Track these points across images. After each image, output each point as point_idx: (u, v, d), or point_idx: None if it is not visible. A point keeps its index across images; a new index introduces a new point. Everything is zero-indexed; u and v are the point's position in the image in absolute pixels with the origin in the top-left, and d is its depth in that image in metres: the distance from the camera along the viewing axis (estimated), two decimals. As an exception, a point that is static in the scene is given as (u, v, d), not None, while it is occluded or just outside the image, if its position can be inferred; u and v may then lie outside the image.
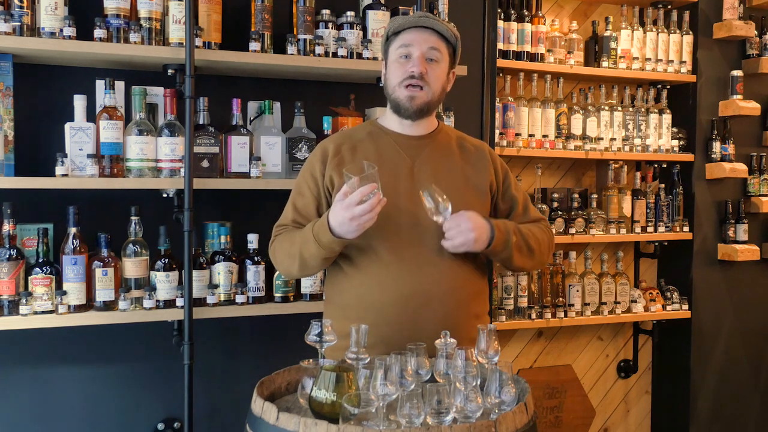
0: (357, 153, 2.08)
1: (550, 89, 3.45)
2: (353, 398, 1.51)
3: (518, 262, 2.08)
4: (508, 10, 3.36)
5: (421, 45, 2.03)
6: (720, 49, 3.76)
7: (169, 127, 2.48)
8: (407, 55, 2.03)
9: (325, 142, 2.16)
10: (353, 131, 2.21)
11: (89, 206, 2.52)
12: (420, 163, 2.08)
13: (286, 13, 2.74)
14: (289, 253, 2.02)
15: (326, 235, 1.89)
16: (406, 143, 2.10)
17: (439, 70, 2.06)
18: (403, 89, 2.03)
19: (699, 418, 3.75)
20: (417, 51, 2.02)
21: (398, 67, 2.04)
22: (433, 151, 2.11)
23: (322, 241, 1.90)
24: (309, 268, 2.04)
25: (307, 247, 1.95)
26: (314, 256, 1.95)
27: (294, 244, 2.00)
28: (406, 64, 2.03)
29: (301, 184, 2.12)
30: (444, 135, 2.17)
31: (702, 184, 3.73)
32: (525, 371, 3.63)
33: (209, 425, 2.81)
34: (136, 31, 2.44)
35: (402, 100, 2.04)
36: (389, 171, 2.05)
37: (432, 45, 2.03)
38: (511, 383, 1.64)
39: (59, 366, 2.64)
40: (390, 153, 2.08)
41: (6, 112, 2.38)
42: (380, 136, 2.12)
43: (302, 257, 1.98)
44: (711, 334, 3.77)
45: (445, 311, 1.98)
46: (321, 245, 1.91)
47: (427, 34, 2.04)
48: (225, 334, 2.83)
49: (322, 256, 1.95)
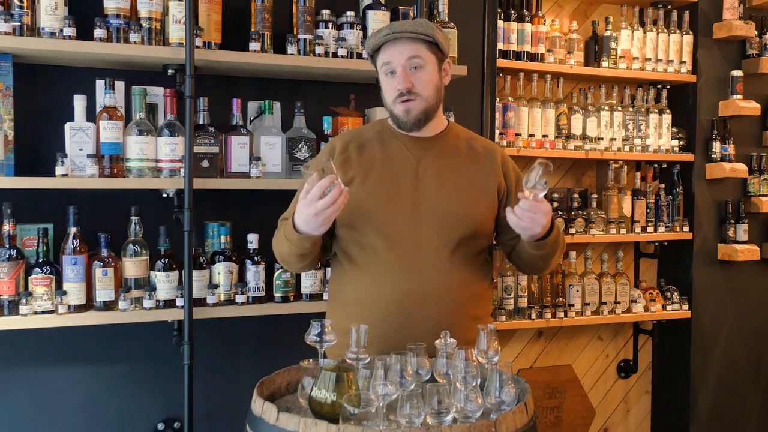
0: (364, 152, 2.09)
1: (550, 89, 3.45)
2: (353, 398, 1.51)
3: (551, 260, 2.10)
4: (508, 10, 3.36)
5: (400, 59, 2.01)
6: (720, 49, 3.76)
7: (169, 127, 2.48)
8: (392, 71, 2.03)
9: (333, 140, 2.18)
10: (362, 130, 2.21)
11: (89, 206, 2.52)
12: (425, 164, 2.08)
13: (286, 13, 2.74)
14: (278, 250, 2.09)
15: (293, 234, 1.93)
16: (413, 144, 2.10)
17: (425, 75, 2.03)
18: (398, 105, 2.03)
19: (699, 418, 3.75)
20: (398, 66, 2.01)
21: (388, 85, 2.05)
22: (439, 152, 2.11)
23: (292, 239, 1.95)
24: (292, 264, 2.09)
25: (283, 246, 2.02)
26: (290, 253, 2.01)
27: (279, 242, 2.06)
28: (393, 80, 2.03)
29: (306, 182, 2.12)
30: (453, 135, 2.16)
31: (702, 184, 3.73)
32: (525, 371, 3.63)
33: (209, 425, 2.81)
34: (136, 31, 2.44)
35: (399, 115, 2.05)
36: (394, 171, 2.05)
37: (410, 54, 2.01)
38: (511, 383, 1.64)
39: (59, 366, 2.64)
40: (396, 153, 2.09)
41: (6, 112, 2.38)
42: (388, 137, 2.12)
43: (281, 255, 2.06)
44: (711, 334, 3.77)
45: (442, 312, 1.98)
46: (292, 243, 1.96)
47: (403, 44, 2.01)
48: (225, 334, 2.83)
49: (296, 253, 1.99)
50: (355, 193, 2.01)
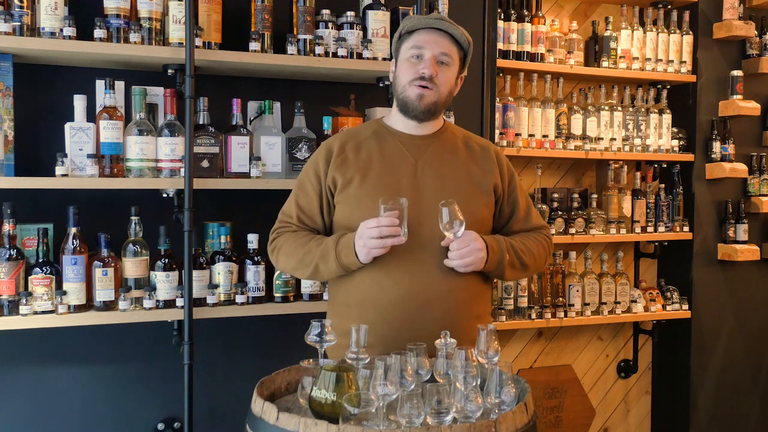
0: (361, 152, 2.09)
1: (550, 89, 3.45)
2: (353, 398, 1.51)
3: (510, 276, 2.12)
4: (508, 10, 3.36)
5: (434, 48, 2.04)
6: (720, 49, 3.76)
7: (169, 127, 2.48)
8: (419, 55, 2.04)
9: (330, 141, 2.17)
10: (358, 130, 2.21)
11: (89, 206, 2.52)
12: (423, 162, 2.08)
13: (286, 13, 2.74)
14: (302, 260, 2.05)
15: (350, 257, 1.95)
16: (411, 142, 2.10)
17: (449, 74, 2.06)
18: (414, 87, 2.03)
19: (699, 418, 3.75)
20: (429, 53, 2.03)
21: (409, 66, 2.05)
22: (437, 150, 2.11)
23: (344, 262, 1.97)
24: (319, 279, 2.15)
25: (326, 264, 2.00)
26: (332, 271, 2.01)
27: (309, 253, 2.03)
28: (418, 64, 2.03)
29: (304, 182, 2.13)
30: (449, 134, 2.17)
31: (702, 184, 3.73)
32: (525, 371, 3.63)
33: (209, 425, 2.81)
34: (136, 31, 2.44)
35: (411, 98, 2.04)
36: (393, 170, 2.06)
37: (444, 49, 2.05)
38: (511, 383, 1.64)
39: (59, 366, 2.64)
40: (393, 152, 2.09)
41: (6, 112, 2.38)
42: (385, 136, 2.12)
43: (317, 269, 2.03)
44: (711, 334, 3.77)
45: (445, 312, 1.98)
46: (342, 266, 1.98)
47: (441, 37, 2.05)
48: (225, 334, 2.83)
49: (339, 273, 2.02)
50: (354, 194, 2.01)
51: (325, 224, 2.12)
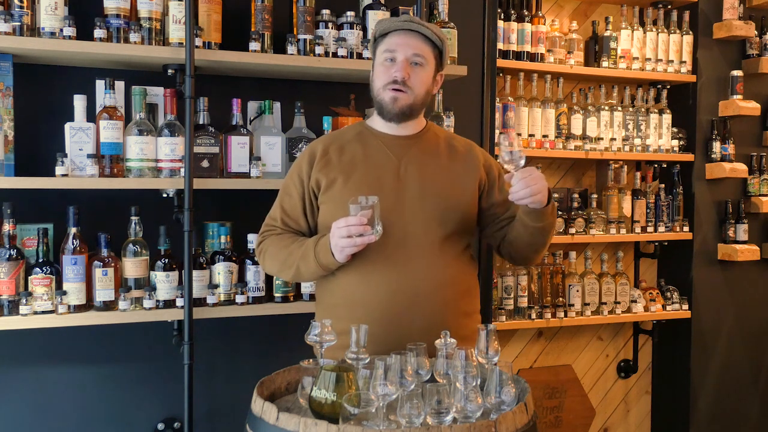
0: (345, 153, 2.11)
1: (550, 89, 3.45)
2: (353, 398, 1.51)
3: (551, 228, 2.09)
4: (508, 10, 3.36)
5: (406, 50, 2.05)
6: (720, 49, 3.76)
7: (169, 127, 2.48)
8: (392, 58, 2.05)
9: (314, 144, 2.19)
10: (342, 132, 2.23)
11: (89, 206, 2.52)
12: (406, 162, 2.09)
13: (286, 13, 2.74)
14: (285, 262, 2.08)
15: (327, 257, 1.97)
16: (393, 143, 2.12)
17: (423, 74, 2.07)
18: (387, 91, 2.05)
19: (699, 418, 3.75)
20: (401, 56, 2.04)
21: (383, 70, 2.07)
22: (419, 150, 2.13)
23: (322, 262, 1.98)
24: (303, 280, 2.25)
25: (307, 264, 2.02)
26: (312, 272, 2.03)
27: (291, 255, 2.05)
28: (391, 68, 2.05)
29: (288, 185, 2.16)
30: (432, 134, 2.19)
31: (702, 184, 3.73)
32: (525, 371, 3.63)
33: (209, 425, 2.81)
34: (136, 31, 2.44)
35: (385, 102, 2.06)
36: (376, 171, 2.07)
37: (416, 50, 2.05)
38: (511, 383, 1.64)
39: (59, 366, 2.64)
40: (376, 153, 2.10)
41: (6, 112, 2.38)
42: (368, 137, 2.14)
43: (299, 270, 2.05)
44: (711, 334, 3.77)
45: (433, 309, 2.00)
46: (321, 266, 2.00)
47: (413, 38, 2.06)
48: (225, 334, 2.83)
49: (319, 273, 2.04)
50: (338, 194, 2.03)
51: (310, 226, 2.14)
